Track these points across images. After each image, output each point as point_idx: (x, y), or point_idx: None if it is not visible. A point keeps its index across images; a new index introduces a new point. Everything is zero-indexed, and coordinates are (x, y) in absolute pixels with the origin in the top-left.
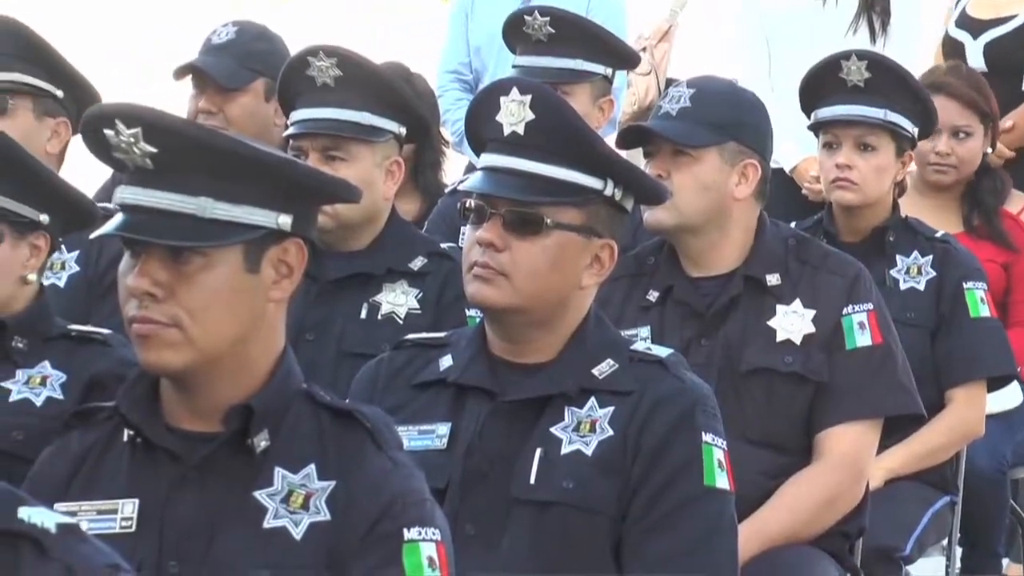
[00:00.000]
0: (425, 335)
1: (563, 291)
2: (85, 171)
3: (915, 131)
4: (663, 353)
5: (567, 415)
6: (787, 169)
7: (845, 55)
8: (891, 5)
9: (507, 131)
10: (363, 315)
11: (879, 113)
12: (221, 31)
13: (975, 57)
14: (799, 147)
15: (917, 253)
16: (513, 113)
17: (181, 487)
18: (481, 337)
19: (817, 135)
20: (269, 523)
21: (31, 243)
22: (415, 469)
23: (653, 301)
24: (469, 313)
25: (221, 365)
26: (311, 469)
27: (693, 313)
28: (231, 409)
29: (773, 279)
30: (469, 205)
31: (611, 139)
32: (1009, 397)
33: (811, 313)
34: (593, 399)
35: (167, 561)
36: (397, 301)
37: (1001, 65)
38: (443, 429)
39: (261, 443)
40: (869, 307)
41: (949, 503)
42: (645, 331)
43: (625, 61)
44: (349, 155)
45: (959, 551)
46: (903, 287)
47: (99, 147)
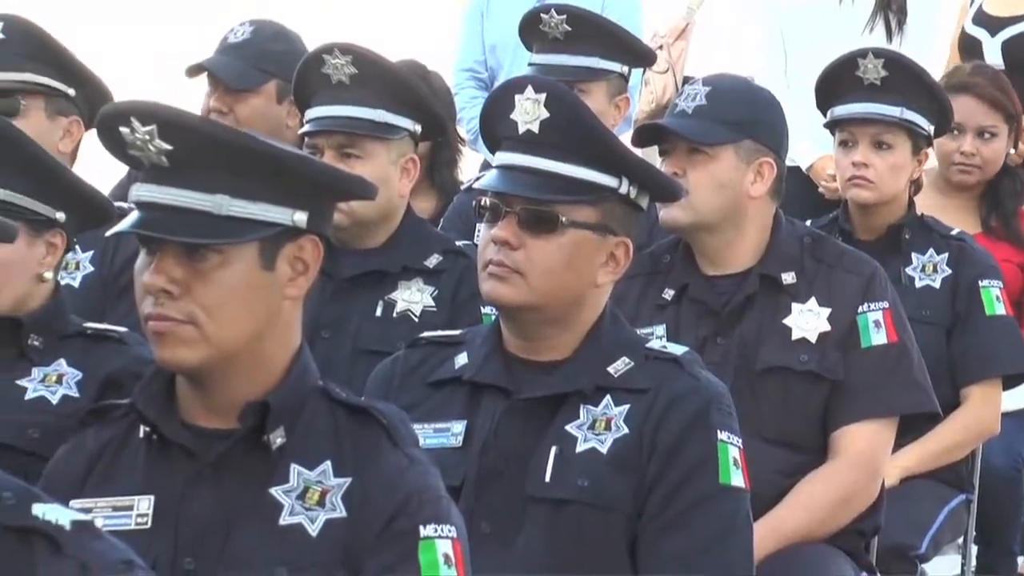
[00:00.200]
0: (440, 333)
1: (578, 289)
2: (101, 169)
3: (931, 129)
4: (678, 351)
5: (582, 413)
6: (803, 167)
7: (861, 53)
8: (907, 3)
9: (522, 129)
10: (378, 313)
11: (895, 111)
12: (238, 30)
13: (992, 54)
14: (816, 145)
15: (933, 251)
16: (528, 111)
17: (197, 484)
18: (496, 335)
19: (833, 133)
20: (285, 520)
21: (47, 241)
22: (431, 466)
23: (669, 299)
24: (484, 310)
25: (237, 362)
26: (327, 466)
27: (709, 311)
28: (247, 406)
29: (789, 277)
30: (484, 203)
31: (627, 137)
32: None
33: (826, 311)
34: (608, 397)
35: (182, 557)
36: (412, 299)
37: (1019, 62)
38: (458, 427)
39: (277, 440)
40: (885, 305)
41: (965, 501)
42: (660, 329)
43: (641, 59)
44: (364, 153)
45: (974, 549)
46: (919, 285)
47: (115, 145)
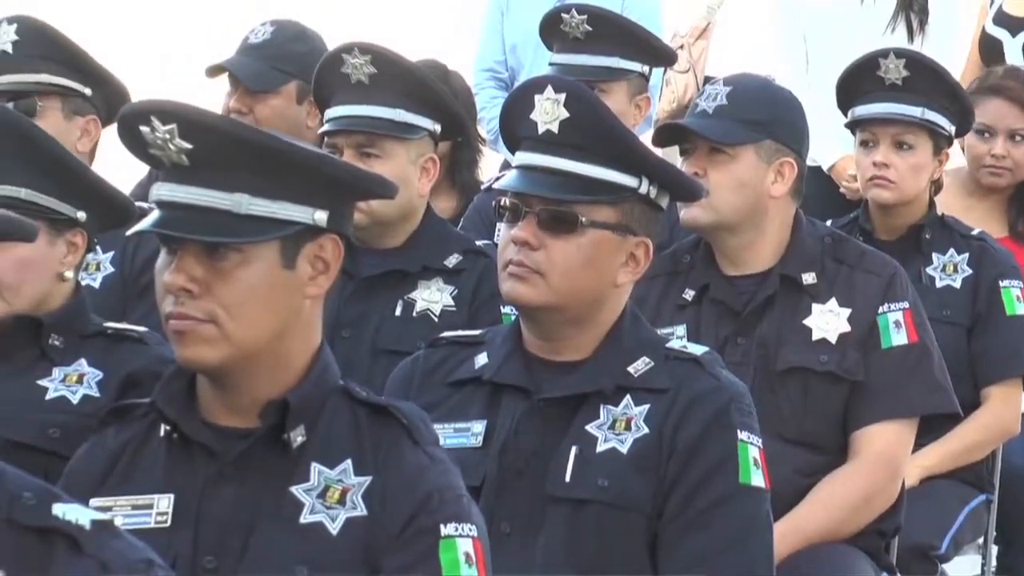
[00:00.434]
0: (460, 333)
1: (598, 289)
2: (122, 168)
3: (952, 129)
4: (698, 351)
5: (602, 413)
6: (825, 168)
7: (883, 53)
8: (929, 3)
9: (542, 129)
10: (398, 312)
11: (916, 111)
12: (259, 30)
13: (1014, 54)
14: (838, 145)
15: (953, 251)
16: (547, 111)
17: (217, 482)
18: (516, 335)
19: (854, 133)
20: (306, 518)
21: (68, 240)
22: (451, 465)
23: (689, 300)
24: (504, 310)
25: (258, 361)
26: (347, 464)
27: (729, 312)
28: (267, 404)
29: (809, 278)
30: (504, 203)
31: (648, 137)
32: None
33: (847, 312)
34: (628, 397)
35: (203, 556)
36: (432, 298)
37: None
38: (478, 427)
39: (297, 438)
40: (905, 306)
41: (985, 501)
42: (681, 330)
43: (662, 59)
44: (383, 152)
45: (995, 549)
46: (939, 285)
47: (135, 144)
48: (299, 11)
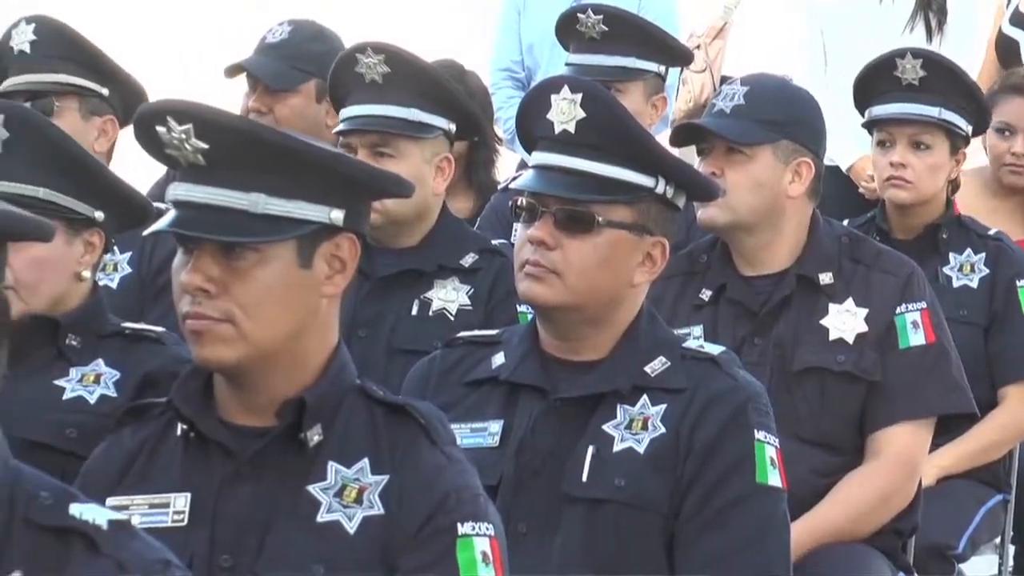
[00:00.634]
0: (477, 333)
1: (615, 289)
2: (137, 167)
3: (969, 129)
4: (715, 351)
5: (619, 413)
6: (843, 168)
7: (900, 53)
8: (947, 3)
9: (558, 129)
10: (414, 312)
11: (933, 111)
12: (276, 30)
13: None
14: (856, 145)
15: (970, 251)
16: (564, 111)
17: (234, 481)
18: (533, 335)
19: (871, 133)
20: (323, 517)
21: (85, 240)
22: (468, 464)
23: (706, 300)
24: (520, 309)
25: (274, 360)
26: (364, 463)
27: (746, 312)
28: (284, 403)
29: (826, 278)
30: (520, 203)
31: (664, 136)
32: None
33: (864, 312)
34: (645, 396)
35: (219, 555)
36: (448, 298)
37: None
38: (495, 427)
39: (314, 437)
40: (923, 306)
41: (1002, 501)
42: (698, 330)
43: (678, 58)
44: (398, 151)
45: (1012, 549)
46: (956, 285)
47: (152, 144)
48: (305, 10)
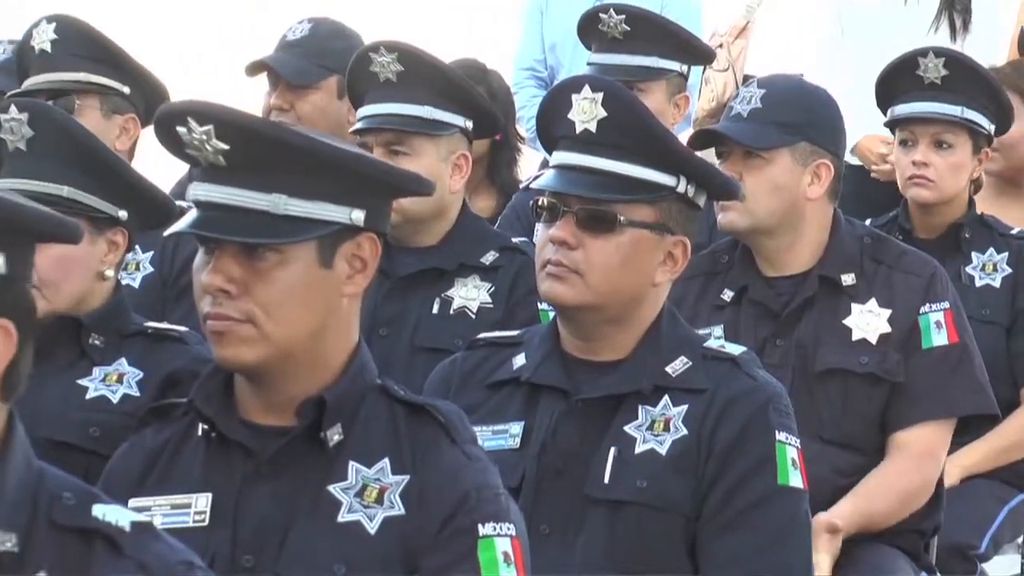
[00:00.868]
0: (498, 334)
1: (636, 288)
2: (160, 164)
3: (991, 128)
4: (736, 351)
5: (641, 414)
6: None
7: (922, 52)
8: (971, 3)
9: (579, 129)
10: (435, 310)
11: (956, 111)
12: (296, 28)
13: None
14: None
15: (993, 250)
16: (585, 111)
17: (255, 481)
18: (554, 335)
19: (893, 132)
20: (343, 517)
21: (109, 239)
22: (490, 463)
23: (728, 300)
24: (541, 307)
25: (295, 360)
26: (385, 463)
27: (768, 313)
28: (304, 403)
29: (848, 279)
30: (542, 203)
31: (687, 135)
32: None
33: (887, 313)
34: (667, 397)
35: (241, 555)
36: (469, 295)
37: None
38: (516, 428)
39: (334, 437)
40: (946, 306)
41: None
42: (719, 330)
43: (700, 57)
44: (412, 149)
45: None
46: (978, 284)
47: (172, 143)
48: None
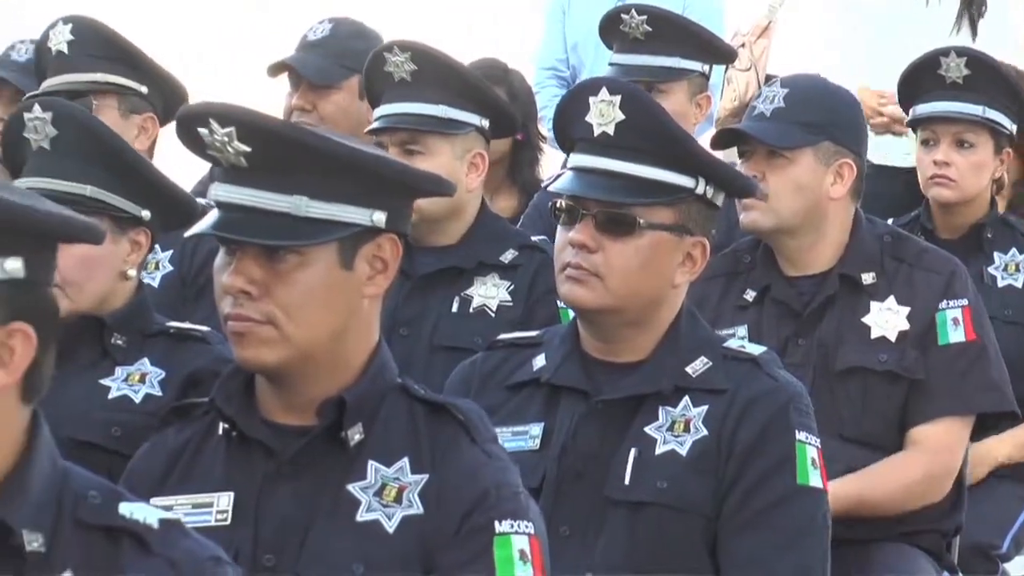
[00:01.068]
0: (518, 335)
1: (656, 290)
2: (180, 163)
3: (1013, 128)
4: (756, 351)
5: (661, 415)
6: None
7: (944, 52)
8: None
9: (597, 131)
10: (455, 309)
11: (977, 110)
12: (317, 28)
13: None
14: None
15: (1015, 250)
16: (603, 114)
17: (275, 480)
18: (574, 336)
19: (915, 132)
20: (362, 516)
21: (131, 239)
22: (510, 462)
23: (750, 300)
24: (561, 305)
25: (316, 361)
26: (404, 462)
27: (790, 312)
28: (325, 403)
29: (868, 278)
30: (560, 206)
31: (709, 135)
32: None
33: (906, 310)
34: (687, 398)
35: (263, 554)
36: (489, 294)
37: None
38: (536, 430)
39: (355, 436)
40: (964, 303)
41: None
42: (742, 330)
43: (722, 57)
44: (427, 149)
45: None
46: (1000, 284)
47: (194, 143)
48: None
